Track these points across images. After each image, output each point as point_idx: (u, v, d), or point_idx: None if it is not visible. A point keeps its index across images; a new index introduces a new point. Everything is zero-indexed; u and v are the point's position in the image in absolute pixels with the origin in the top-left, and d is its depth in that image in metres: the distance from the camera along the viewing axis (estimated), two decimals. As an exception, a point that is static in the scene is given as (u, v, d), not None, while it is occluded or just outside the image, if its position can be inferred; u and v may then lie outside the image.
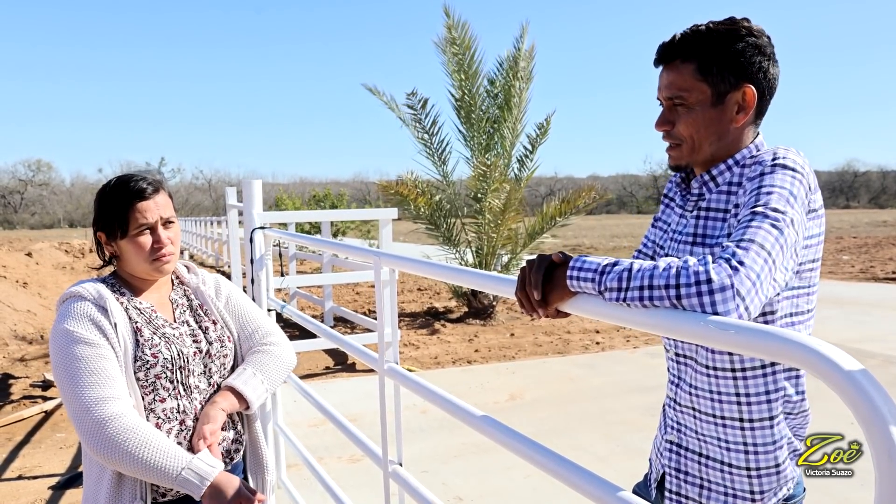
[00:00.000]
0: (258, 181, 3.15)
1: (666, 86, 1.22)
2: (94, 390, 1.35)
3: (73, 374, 1.37)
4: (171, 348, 1.49)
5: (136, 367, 1.43)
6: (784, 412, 1.19)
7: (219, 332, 1.60)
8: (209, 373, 1.55)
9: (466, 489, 3.42)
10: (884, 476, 0.63)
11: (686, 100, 1.20)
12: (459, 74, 8.43)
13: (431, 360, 6.42)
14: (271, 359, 1.62)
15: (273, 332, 1.68)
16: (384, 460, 1.74)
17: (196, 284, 1.66)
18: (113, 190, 1.49)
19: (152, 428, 1.38)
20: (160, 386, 1.46)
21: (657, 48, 1.24)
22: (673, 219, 1.35)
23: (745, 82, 1.18)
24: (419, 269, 1.61)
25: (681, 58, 1.20)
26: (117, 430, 1.33)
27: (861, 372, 0.66)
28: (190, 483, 1.34)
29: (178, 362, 1.49)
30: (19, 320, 7.86)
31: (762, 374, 1.17)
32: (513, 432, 1.23)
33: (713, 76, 1.18)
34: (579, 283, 0.99)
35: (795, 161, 1.11)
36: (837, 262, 14.44)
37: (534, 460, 1.15)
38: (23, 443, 4.28)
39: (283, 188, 28.15)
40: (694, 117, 1.20)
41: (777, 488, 1.20)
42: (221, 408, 1.51)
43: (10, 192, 62.90)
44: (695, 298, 0.87)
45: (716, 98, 1.19)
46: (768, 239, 0.96)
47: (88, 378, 1.36)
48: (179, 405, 1.48)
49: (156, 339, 1.48)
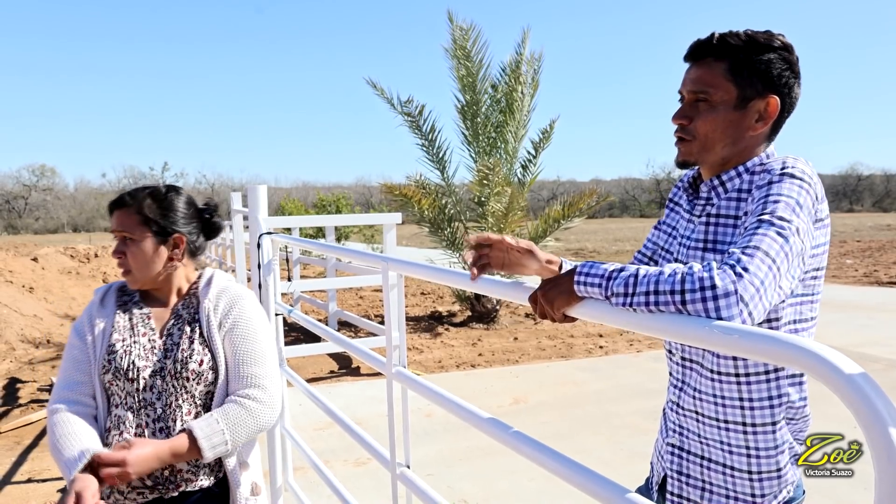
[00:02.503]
0: (263, 186, 3.18)
1: (693, 80, 1.23)
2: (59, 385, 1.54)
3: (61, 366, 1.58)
4: (125, 359, 1.50)
5: (101, 370, 1.52)
6: (787, 417, 1.21)
7: (194, 354, 1.51)
8: (169, 391, 1.49)
9: (472, 492, 3.44)
10: (883, 478, 0.65)
11: (711, 96, 1.21)
12: (464, 80, 8.47)
13: (435, 364, 6.44)
14: (247, 416, 1.49)
15: (260, 385, 1.54)
16: (392, 462, 1.76)
17: (204, 299, 1.59)
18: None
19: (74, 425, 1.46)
20: (114, 392, 1.52)
21: (691, 44, 1.25)
22: (680, 223, 1.36)
23: (770, 92, 1.20)
24: (426, 274, 1.64)
25: (714, 56, 1.21)
26: (54, 422, 1.48)
27: (861, 375, 0.67)
28: (65, 469, 1.41)
29: (128, 374, 1.49)
30: (26, 325, 7.90)
31: (766, 380, 1.19)
32: (522, 435, 1.24)
33: (742, 79, 1.19)
34: (586, 288, 1.01)
35: (804, 171, 1.12)
36: (841, 266, 14.41)
37: (542, 463, 1.16)
38: (31, 446, 4.31)
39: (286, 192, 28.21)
40: (714, 116, 1.21)
41: (777, 492, 1.21)
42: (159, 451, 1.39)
43: (15, 197, 63.07)
44: (699, 304, 0.89)
45: (740, 101, 1.20)
46: (773, 246, 0.97)
47: (61, 374, 1.55)
48: (124, 415, 1.49)
49: (117, 347, 1.51)
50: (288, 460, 2.98)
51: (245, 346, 1.56)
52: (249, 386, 1.53)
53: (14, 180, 64.24)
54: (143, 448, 1.39)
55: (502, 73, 8.62)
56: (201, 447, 1.43)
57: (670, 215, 1.42)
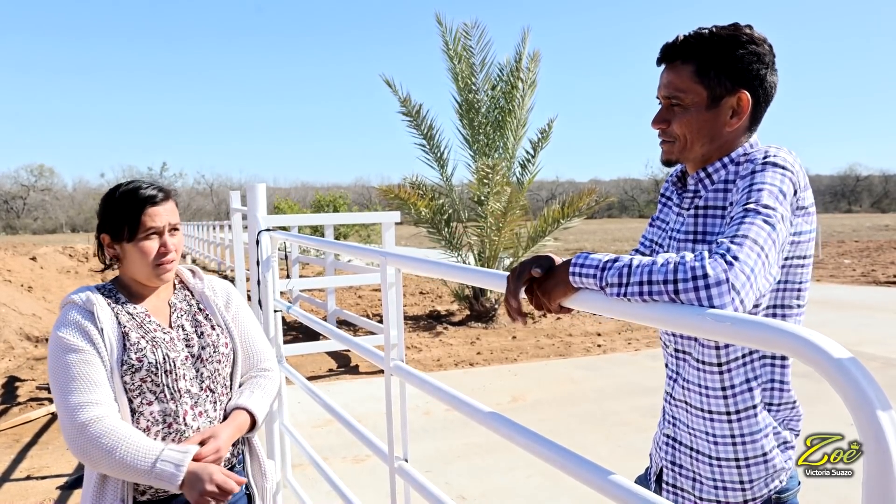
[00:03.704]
0: (262, 185, 3.19)
1: (664, 85, 1.26)
2: (77, 396, 1.40)
3: (59, 380, 1.42)
4: (157, 352, 1.49)
5: (123, 370, 1.46)
6: (766, 402, 1.23)
7: (215, 338, 1.59)
8: (201, 377, 1.55)
9: (470, 489, 3.45)
10: (871, 457, 0.66)
11: (682, 100, 1.24)
12: (465, 80, 8.50)
13: (434, 363, 6.45)
14: (271, 387, 1.68)
15: (270, 359, 1.72)
16: (390, 456, 1.77)
17: (201, 289, 1.67)
18: (125, 193, 1.51)
19: (130, 429, 1.41)
20: (146, 389, 1.48)
21: (661, 47, 1.27)
22: (671, 217, 1.38)
23: (740, 88, 1.21)
24: (425, 268, 1.65)
25: (681, 59, 1.24)
26: (95, 433, 1.37)
27: (850, 359, 0.69)
28: (166, 473, 1.36)
29: (165, 366, 1.49)
30: (25, 323, 7.91)
31: (742, 364, 1.21)
32: (523, 428, 1.24)
33: (710, 79, 1.21)
34: (581, 279, 1.03)
35: (786, 159, 1.14)
36: (839, 266, 14.44)
37: (544, 456, 1.17)
38: (30, 444, 4.32)
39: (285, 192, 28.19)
40: (688, 118, 1.24)
41: (767, 478, 1.22)
42: (232, 433, 1.53)
43: (13, 197, 63.05)
44: (692, 293, 0.91)
45: (711, 101, 1.22)
46: (761, 234, 0.99)
47: (72, 384, 1.41)
48: (166, 408, 1.49)
49: (142, 344, 1.49)
50: (287, 457, 2.99)
51: (248, 328, 1.70)
52: (262, 361, 1.70)
53: (12, 180, 64.24)
54: (224, 432, 1.51)
55: (501, 73, 8.64)
56: (257, 421, 1.59)
57: (663, 210, 1.44)
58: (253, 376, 1.66)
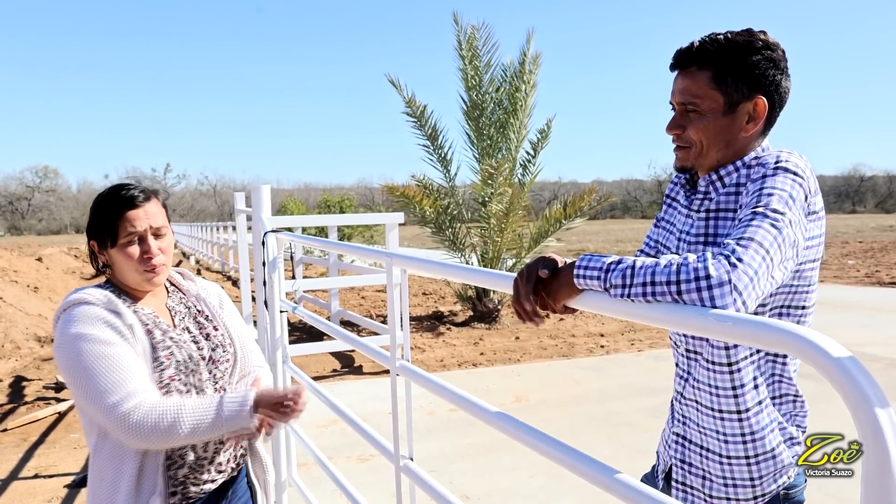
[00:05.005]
0: (267, 186, 3.22)
1: (680, 91, 1.26)
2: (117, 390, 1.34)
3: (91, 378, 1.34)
4: (181, 351, 1.50)
5: (153, 367, 1.44)
6: (770, 396, 1.25)
7: (220, 339, 1.61)
8: (214, 378, 1.57)
9: (473, 488, 3.47)
10: (870, 455, 0.67)
11: (699, 106, 1.24)
12: (471, 80, 8.51)
13: (437, 364, 6.47)
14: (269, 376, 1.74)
15: (261, 356, 1.77)
16: (395, 454, 1.79)
17: (196, 291, 1.67)
18: (104, 198, 1.48)
19: (176, 398, 1.41)
20: (174, 388, 1.46)
21: (674, 53, 1.27)
22: (678, 219, 1.39)
23: (757, 93, 1.22)
24: (430, 269, 1.66)
25: (697, 65, 1.24)
26: (144, 414, 1.33)
27: (848, 358, 0.70)
28: (236, 413, 1.38)
29: (190, 365, 1.51)
30: (31, 324, 7.95)
31: (749, 363, 1.24)
32: (530, 428, 1.25)
33: (727, 85, 1.22)
34: (586, 280, 1.04)
35: (797, 165, 1.15)
36: (843, 267, 14.41)
37: (549, 454, 1.18)
38: (37, 443, 4.35)
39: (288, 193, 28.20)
40: (705, 124, 1.24)
41: (775, 473, 1.24)
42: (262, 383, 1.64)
43: (18, 198, 63.27)
44: (695, 294, 0.92)
45: (728, 107, 1.23)
46: (767, 238, 1.01)
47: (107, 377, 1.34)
48: None
49: (167, 342, 1.48)
50: (292, 456, 3.01)
51: (240, 327, 1.73)
52: (256, 359, 1.75)
53: (17, 181, 64.45)
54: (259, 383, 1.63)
55: (505, 73, 8.66)
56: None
57: (668, 211, 1.44)
58: (250, 372, 1.70)
